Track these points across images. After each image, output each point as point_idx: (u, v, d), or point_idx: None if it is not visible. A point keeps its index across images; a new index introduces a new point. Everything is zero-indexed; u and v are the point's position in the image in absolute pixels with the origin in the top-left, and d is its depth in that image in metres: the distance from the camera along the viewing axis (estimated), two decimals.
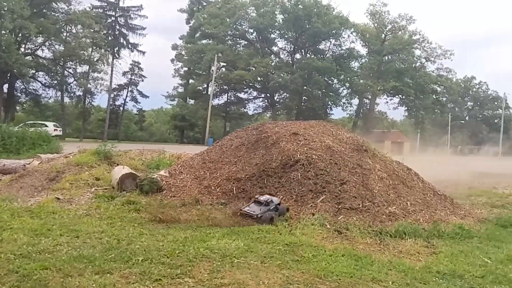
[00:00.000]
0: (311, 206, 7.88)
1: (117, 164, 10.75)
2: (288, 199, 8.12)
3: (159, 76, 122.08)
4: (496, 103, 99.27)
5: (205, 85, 66.17)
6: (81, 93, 57.14)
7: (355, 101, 68.63)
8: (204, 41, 65.47)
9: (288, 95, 62.17)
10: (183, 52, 67.42)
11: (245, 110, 67.91)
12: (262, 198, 7.59)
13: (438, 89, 71.13)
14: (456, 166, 25.66)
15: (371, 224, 7.31)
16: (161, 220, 7.00)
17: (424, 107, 69.06)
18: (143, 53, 62.82)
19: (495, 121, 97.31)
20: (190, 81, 68.59)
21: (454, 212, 9.00)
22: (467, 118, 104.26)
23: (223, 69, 62.06)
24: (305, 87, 60.75)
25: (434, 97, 71.54)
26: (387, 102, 70.87)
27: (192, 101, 67.78)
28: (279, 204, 7.54)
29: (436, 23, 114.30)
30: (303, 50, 64.95)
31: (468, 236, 7.27)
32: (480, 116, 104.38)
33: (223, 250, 5.43)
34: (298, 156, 8.95)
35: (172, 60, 68.89)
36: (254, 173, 8.91)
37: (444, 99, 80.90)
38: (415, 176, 9.82)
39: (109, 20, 60.75)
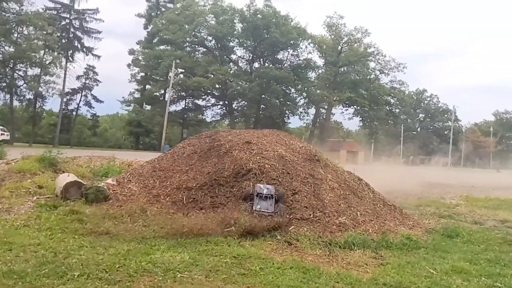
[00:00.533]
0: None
1: (63, 172, 10.28)
2: (240, 210, 7.96)
3: (115, 81, 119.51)
4: (446, 115, 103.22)
5: (162, 91, 65.42)
6: (31, 97, 55.08)
7: (312, 110, 69.73)
8: (162, 47, 64.79)
9: (246, 103, 62.35)
10: (140, 57, 66.44)
11: (203, 117, 67.70)
12: (265, 191, 7.64)
13: (392, 100, 73.33)
14: (407, 176, 26.32)
15: (321, 235, 7.27)
16: (106, 231, 6.70)
17: (378, 117, 70.93)
18: (99, 57, 61.56)
19: (445, 132, 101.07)
20: (147, 86, 67.56)
21: (403, 222, 9.12)
22: (418, 129, 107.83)
23: (181, 75, 61.49)
24: (263, 96, 61.10)
25: (388, 109, 73.66)
26: (343, 112, 72.46)
27: (148, 107, 66.75)
28: (277, 191, 7.69)
29: (390, 37, 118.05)
30: (261, 59, 65.38)
31: (416, 246, 7.35)
32: (431, 127, 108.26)
33: (166, 263, 5.21)
34: (251, 165, 8.82)
35: (128, 65, 67.78)
36: (205, 182, 8.71)
37: (397, 110, 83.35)
38: (365, 186, 9.90)
39: (63, 23, 59.12)
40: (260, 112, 63.33)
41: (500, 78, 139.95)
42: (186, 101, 65.87)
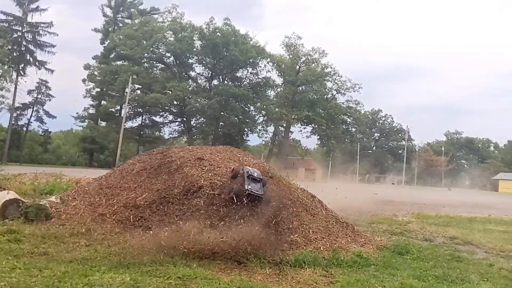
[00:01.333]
0: None
1: (4, 189, 9.71)
2: (190, 228, 7.70)
3: (70, 96, 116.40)
4: (400, 134, 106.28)
5: (118, 107, 64.21)
6: None
7: (271, 128, 70.23)
8: (118, 62, 63.77)
9: (205, 120, 62.02)
10: (96, 73, 65.01)
11: (160, 133, 66.68)
12: (255, 174, 7.93)
13: (348, 119, 74.83)
14: (361, 193, 26.73)
15: (272, 253, 7.12)
16: (44, 252, 6.28)
17: (335, 136, 72.16)
18: (52, 71, 59.77)
19: (399, 151, 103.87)
20: (103, 102, 66.00)
21: (355, 239, 9.11)
22: (374, 148, 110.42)
23: (138, 91, 60.70)
24: (222, 113, 60.97)
25: (344, 127, 75.17)
26: (301, 130, 73.39)
27: (103, 123, 65.15)
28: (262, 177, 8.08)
29: (346, 58, 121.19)
30: (221, 77, 65.51)
31: (366, 264, 7.31)
32: (386, 146, 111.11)
33: (105, 285, 4.90)
34: (202, 182, 8.60)
35: (84, 80, 66.14)
36: (154, 200, 8.42)
37: (353, 129, 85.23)
38: (318, 203, 9.86)
39: (15, 35, 57.14)
40: (219, 129, 63.14)
41: (451, 99, 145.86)
42: (143, 118, 64.79)
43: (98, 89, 66.16)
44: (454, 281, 6.68)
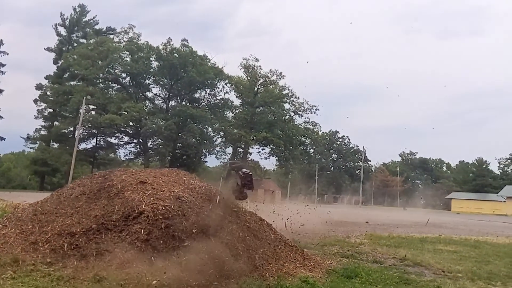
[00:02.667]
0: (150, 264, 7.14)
1: None
2: (128, 257, 7.26)
3: (21, 117, 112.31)
4: (357, 155, 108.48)
5: (72, 128, 62.20)
6: None
7: (229, 149, 69.83)
8: (72, 82, 62.12)
9: (161, 141, 60.87)
10: (48, 93, 63.05)
11: (115, 155, 64.93)
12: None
13: (306, 141, 75.51)
14: (317, 215, 26.68)
15: (214, 282, 6.80)
16: None
17: (293, 157, 72.55)
18: (1, 91, 57.44)
19: (356, 172, 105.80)
20: (55, 123, 63.83)
21: (303, 264, 8.90)
22: (332, 168, 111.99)
23: (93, 112, 59.12)
24: (179, 134, 60.20)
25: (302, 148, 75.74)
26: (259, 151, 73.35)
27: (56, 145, 62.95)
28: None
29: (304, 81, 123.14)
30: (178, 97, 64.88)
31: None
32: (343, 167, 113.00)
33: None
34: (143, 207, 8.18)
35: (35, 101, 63.87)
36: (91, 227, 7.91)
37: (311, 150, 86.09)
38: (267, 227, 9.61)
39: None
40: (177, 151, 62.22)
41: (405, 121, 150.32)
42: (98, 139, 62.90)
43: (51, 110, 64.09)
44: None
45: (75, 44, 66.08)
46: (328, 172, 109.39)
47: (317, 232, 16.93)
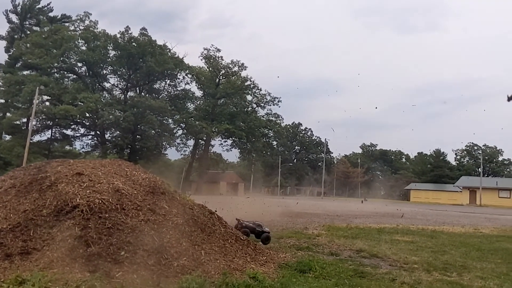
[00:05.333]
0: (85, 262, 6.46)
1: None
2: (59, 255, 6.54)
3: None
4: (319, 147, 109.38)
5: (25, 120, 59.43)
6: None
7: (191, 142, 68.82)
8: (25, 72, 59.27)
9: (120, 133, 59.09)
10: None
11: (72, 148, 62.65)
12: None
13: (268, 133, 75.29)
14: (277, 206, 26.42)
15: (155, 282, 6.19)
16: None
17: (256, 149, 72.24)
18: None
19: (319, 164, 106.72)
20: (7, 114, 60.88)
21: (255, 258, 8.41)
22: (295, 160, 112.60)
23: (47, 103, 56.67)
24: (138, 126, 58.63)
25: (265, 140, 75.46)
26: (222, 144, 72.68)
27: (8, 137, 60.10)
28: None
29: (267, 73, 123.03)
30: (137, 88, 63.14)
31: (261, 287, 6.58)
32: (306, 159, 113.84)
33: None
34: (78, 200, 7.45)
35: None
36: (19, 223, 7.14)
37: (274, 142, 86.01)
38: (217, 221, 9.03)
39: None
40: (136, 143, 60.59)
41: (366, 114, 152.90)
42: (52, 131, 60.42)
43: (2, 100, 60.94)
44: None
45: (28, 32, 63.00)
46: (291, 164, 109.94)
47: (275, 224, 16.56)
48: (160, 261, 6.73)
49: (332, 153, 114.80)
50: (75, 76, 60.22)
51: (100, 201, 7.52)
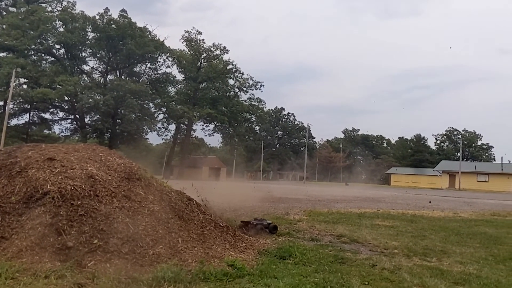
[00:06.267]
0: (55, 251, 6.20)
1: None
2: (28, 244, 6.26)
3: None
4: (301, 132, 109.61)
5: (2, 103, 58.01)
6: None
7: (173, 126, 68.17)
8: (1, 54, 57.63)
9: (99, 117, 58.12)
10: None
11: (51, 132, 61.47)
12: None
13: (251, 117, 74.97)
14: (259, 191, 26.31)
15: (128, 271, 5.97)
16: None
17: (238, 134, 71.97)
18: None
19: (301, 149, 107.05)
20: None
21: (234, 245, 8.24)
22: (277, 145, 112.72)
23: (24, 86, 55.33)
24: (118, 110, 57.72)
25: (247, 125, 75.17)
26: (204, 128, 72.19)
27: None
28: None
29: (249, 58, 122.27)
30: (117, 72, 62.00)
31: (239, 275, 6.41)
32: (289, 144, 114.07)
33: None
34: (49, 187, 7.13)
35: None
36: None
37: (257, 127, 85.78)
38: (196, 207, 8.80)
39: None
40: (116, 127, 59.70)
41: (348, 100, 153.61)
42: (31, 114, 59.16)
43: None
44: (334, 287, 6.04)
45: (4, 13, 61.19)
46: (274, 149, 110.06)
47: (257, 209, 16.43)
48: (135, 249, 6.51)
49: (315, 138, 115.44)
50: (53, 59, 58.85)
51: (72, 188, 7.22)
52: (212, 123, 69.84)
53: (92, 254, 6.24)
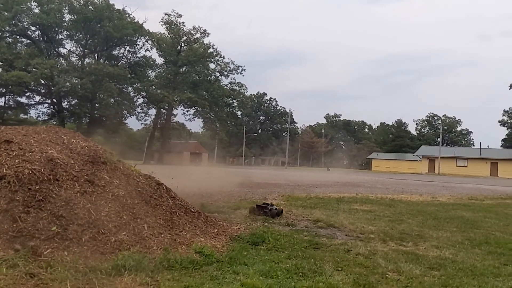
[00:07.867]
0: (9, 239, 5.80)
1: None
2: None
3: None
4: (284, 118, 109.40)
5: None
6: None
7: (153, 111, 67.22)
8: None
9: (77, 101, 56.83)
10: None
11: (27, 116, 60.02)
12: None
13: (232, 102, 74.36)
14: (238, 177, 26.06)
15: (87, 259, 5.60)
16: None
17: (219, 119, 71.38)
18: None
19: (283, 134, 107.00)
20: None
21: (205, 231, 7.91)
22: (260, 131, 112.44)
23: None
24: (96, 94, 56.51)
25: (228, 110, 74.56)
26: (184, 113, 71.39)
27: None
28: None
29: (231, 42, 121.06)
30: (95, 55, 60.58)
31: (207, 262, 6.10)
32: (271, 129, 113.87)
33: None
34: (5, 171, 6.67)
35: None
36: None
37: (239, 112, 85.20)
38: (165, 192, 8.43)
39: None
40: (95, 111, 58.53)
41: (330, 85, 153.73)
42: (6, 98, 57.52)
43: None
44: (306, 274, 5.78)
45: None
46: (256, 134, 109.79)
47: (234, 194, 16.14)
48: (96, 236, 6.13)
49: (297, 123, 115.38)
50: (28, 41, 57.15)
51: (30, 172, 6.77)
52: (193, 108, 69.10)
53: (49, 241, 5.85)
